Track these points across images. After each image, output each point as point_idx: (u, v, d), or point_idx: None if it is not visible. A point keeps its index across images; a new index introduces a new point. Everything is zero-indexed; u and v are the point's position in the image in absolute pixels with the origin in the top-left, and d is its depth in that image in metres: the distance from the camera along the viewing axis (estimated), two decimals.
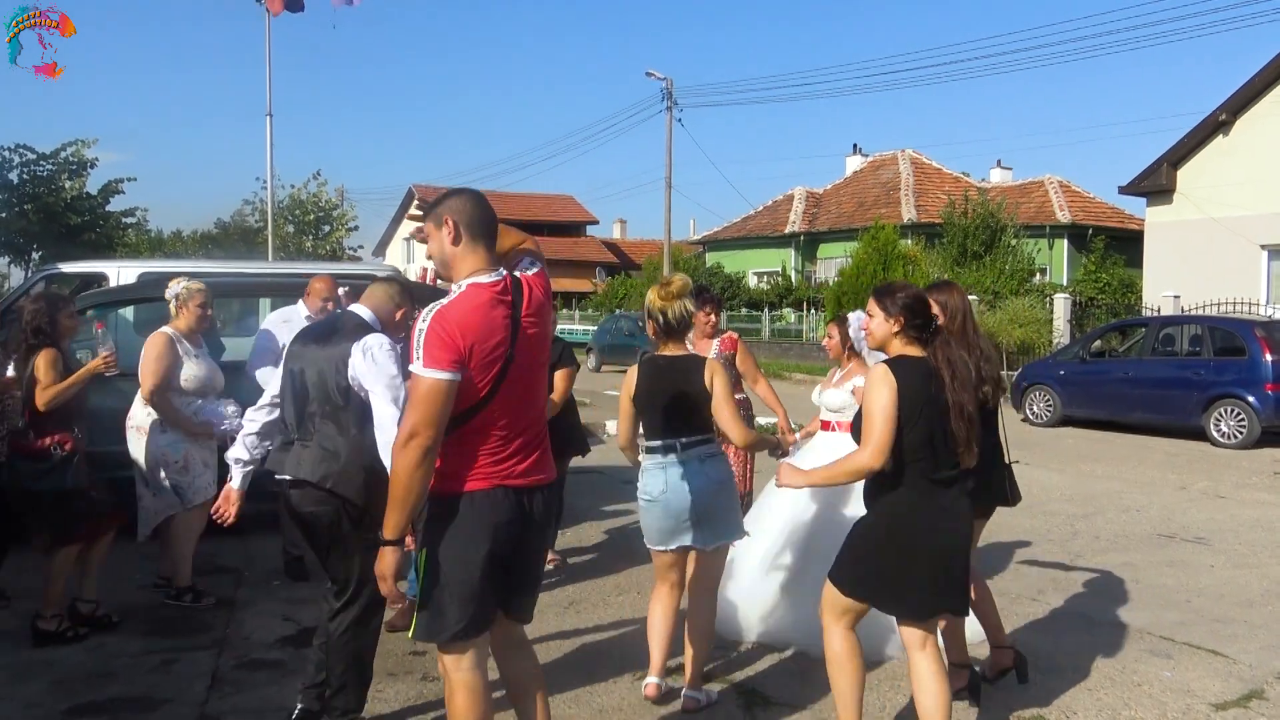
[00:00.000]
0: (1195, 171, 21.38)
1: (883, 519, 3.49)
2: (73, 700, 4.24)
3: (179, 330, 5.43)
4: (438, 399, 2.75)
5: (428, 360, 2.76)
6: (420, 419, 2.74)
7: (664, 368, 4.17)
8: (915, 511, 3.42)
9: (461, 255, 2.94)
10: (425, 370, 2.76)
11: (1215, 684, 4.59)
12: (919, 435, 3.39)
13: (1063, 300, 22.15)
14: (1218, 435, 13.12)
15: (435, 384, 2.75)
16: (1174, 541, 7.59)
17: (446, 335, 2.78)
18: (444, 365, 2.76)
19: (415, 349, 2.79)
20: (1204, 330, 14.23)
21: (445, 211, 2.95)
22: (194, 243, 42.96)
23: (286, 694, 4.30)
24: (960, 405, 3.43)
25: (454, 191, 3.03)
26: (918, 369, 3.44)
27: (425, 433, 2.74)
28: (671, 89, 34.22)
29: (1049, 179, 33.84)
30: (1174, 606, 5.82)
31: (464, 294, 2.86)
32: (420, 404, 2.75)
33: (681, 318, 4.14)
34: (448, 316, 2.81)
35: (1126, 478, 10.65)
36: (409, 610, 4.84)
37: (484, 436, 2.91)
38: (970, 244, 26.41)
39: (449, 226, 2.93)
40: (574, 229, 54.61)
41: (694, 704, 4.18)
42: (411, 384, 2.80)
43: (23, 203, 22.97)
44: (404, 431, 2.77)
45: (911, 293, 3.55)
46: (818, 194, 38.01)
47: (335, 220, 36.18)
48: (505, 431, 2.94)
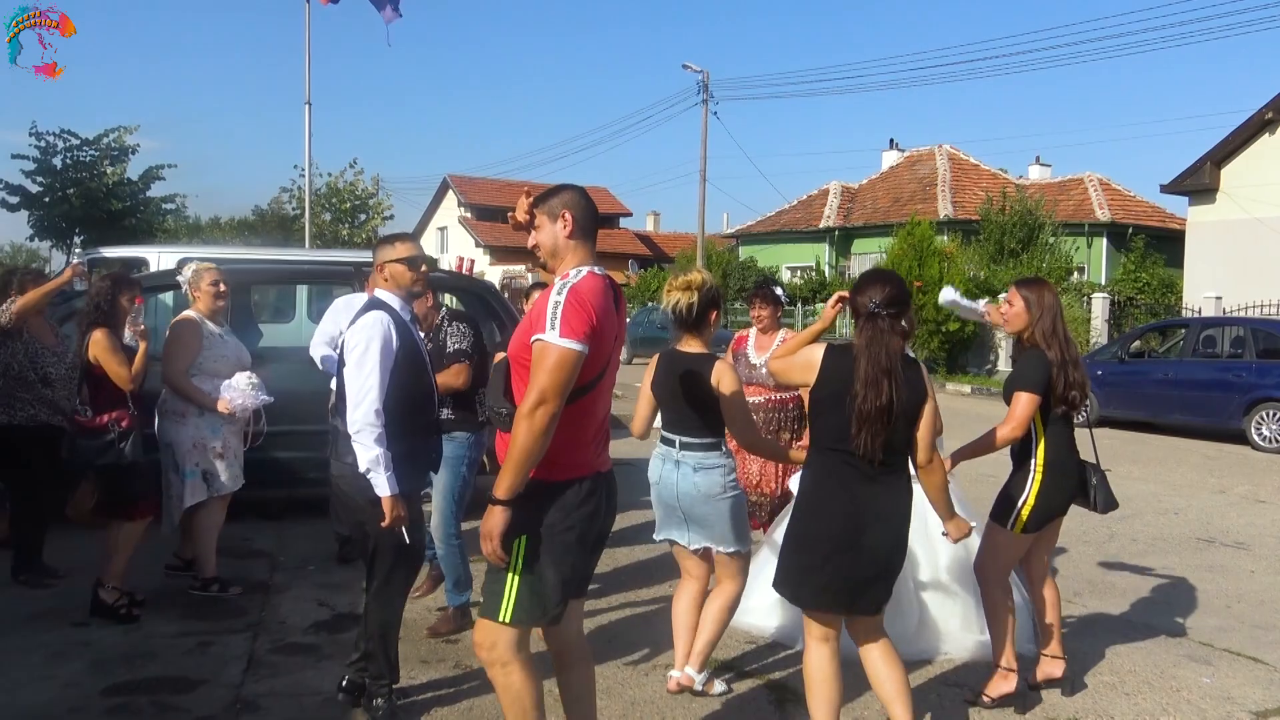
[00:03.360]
0: (1240, 170, 21.04)
1: (796, 501, 3.55)
2: (110, 680, 4.30)
3: (200, 313, 5.44)
4: (569, 368, 2.81)
5: (565, 330, 2.80)
6: (550, 385, 2.79)
7: (674, 364, 4.15)
8: (817, 496, 3.41)
9: (574, 248, 3.05)
10: (561, 339, 2.80)
11: (1256, 691, 4.52)
12: (831, 423, 3.36)
13: (1101, 300, 21.88)
14: (1258, 439, 12.91)
15: (568, 353, 2.80)
16: (1213, 546, 7.48)
17: (584, 309, 2.85)
18: (579, 336, 2.82)
19: (550, 319, 2.82)
20: (1246, 332, 14.01)
21: (564, 206, 3.06)
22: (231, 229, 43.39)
23: (322, 678, 4.34)
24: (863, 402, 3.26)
25: (568, 187, 3.14)
26: (843, 356, 3.38)
27: (554, 400, 2.80)
28: (708, 81, 34.04)
29: (1089, 176, 33.39)
30: (1213, 612, 5.74)
31: (586, 278, 2.95)
32: (553, 371, 2.80)
33: (682, 311, 4.09)
34: (582, 292, 2.88)
35: (1164, 480, 10.51)
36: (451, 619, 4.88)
37: (583, 423, 3.00)
38: (1008, 241, 26.13)
39: (565, 219, 3.04)
40: (607, 221, 54.57)
41: (689, 682, 4.22)
42: (541, 351, 2.82)
43: (65, 187, 23.25)
44: (532, 398, 2.80)
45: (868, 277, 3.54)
46: (853, 188, 37.75)
47: (371, 209, 36.41)
48: (598, 418, 3.08)
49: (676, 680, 4.26)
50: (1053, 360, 4.08)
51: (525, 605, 2.98)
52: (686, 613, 4.28)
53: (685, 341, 4.17)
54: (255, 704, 4.10)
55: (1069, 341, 4.18)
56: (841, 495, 3.36)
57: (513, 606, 2.98)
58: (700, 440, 4.07)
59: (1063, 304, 15.02)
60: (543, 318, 2.85)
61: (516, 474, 2.85)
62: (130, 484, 5.03)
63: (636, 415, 4.34)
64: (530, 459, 2.84)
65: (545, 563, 2.97)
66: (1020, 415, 4.07)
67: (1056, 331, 4.14)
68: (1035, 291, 4.25)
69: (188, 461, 5.28)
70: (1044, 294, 4.23)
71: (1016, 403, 4.09)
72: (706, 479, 4.04)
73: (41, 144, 23.12)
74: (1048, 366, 4.07)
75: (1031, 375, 4.08)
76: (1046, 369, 4.07)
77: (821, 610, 3.46)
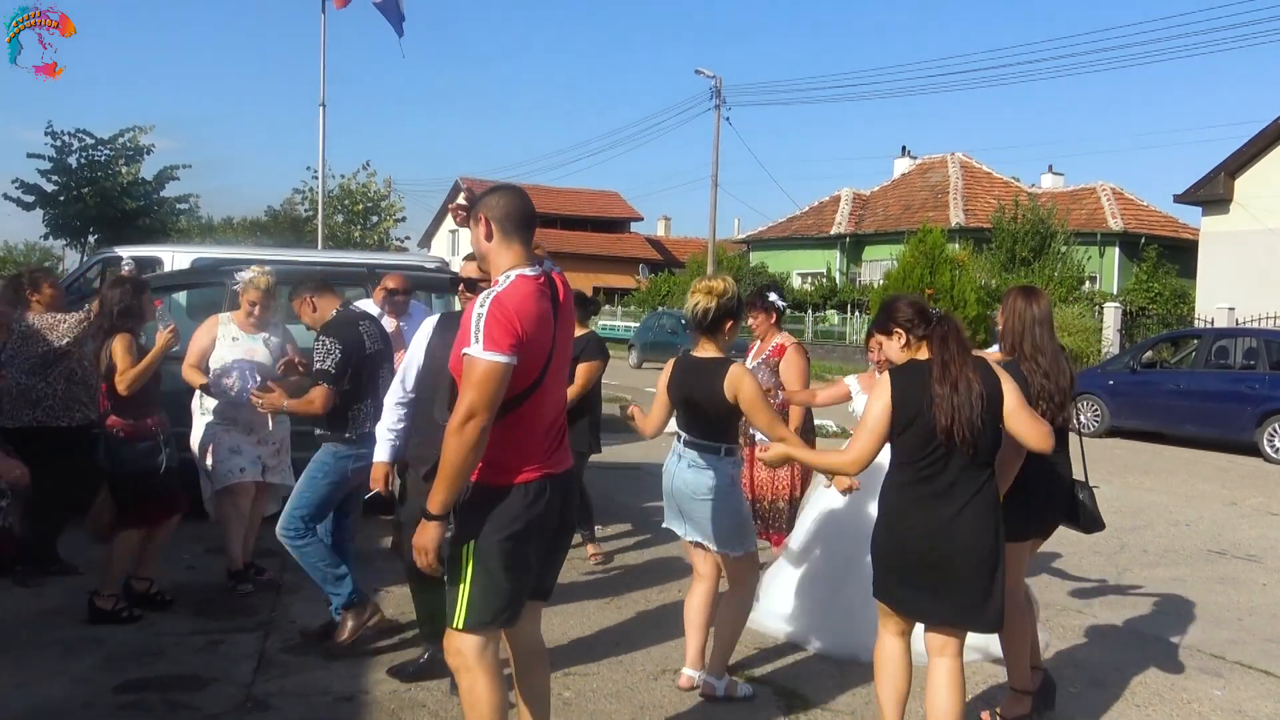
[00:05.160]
0: (1254, 181, 20.95)
1: (880, 520, 3.52)
2: (122, 677, 4.31)
3: (231, 316, 5.56)
4: (496, 381, 2.80)
5: (488, 343, 2.80)
6: (479, 400, 2.79)
7: (688, 367, 4.20)
8: (905, 514, 3.41)
9: (497, 250, 3.03)
10: (486, 353, 2.79)
11: (1268, 705, 4.50)
12: (916, 438, 3.36)
13: (1113, 309, 21.82)
14: (1271, 451, 12.85)
15: (495, 366, 2.80)
16: (1225, 558, 7.44)
17: (506, 320, 2.82)
18: (504, 349, 2.80)
19: (473, 332, 2.82)
20: (1260, 343, 13.95)
21: (480, 209, 3.06)
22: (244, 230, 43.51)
23: (333, 678, 4.36)
24: (941, 399, 3.30)
25: (493, 188, 3.12)
26: (919, 372, 3.41)
27: (482, 414, 2.80)
28: (720, 87, 34.05)
29: (1101, 186, 33.30)
30: (1225, 624, 5.71)
31: (514, 283, 2.92)
32: (479, 385, 2.79)
33: (699, 314, 4.13)
34: (506, 302, 2.86)
35: (1176, 491, 10.46)
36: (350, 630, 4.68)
37: (527, 426, 2.98)
38: (1019, 250, 26.11)
39: (483, 223, 3.04)
40: (618, 225, 54.65)
41: (710, 690, 4.23)
42: (469, 365, 2.83)
43: (80, 187, 23.37)
44: (461, 412, 2.80)
45: (902, 302, 3.60)
46: (864, 195, 37.74)
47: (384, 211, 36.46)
48: (545, 421, 3.05)
49: (688, 677, 4.32)
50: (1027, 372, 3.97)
51: (478, 610, 2.96)
52: (697, 612, 4.34)
53: (701, 345, 4.21)
54: (265, 703, 4.11)
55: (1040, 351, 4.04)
56: (923, 507, 3.38)
57: (465, 612, 2.96)
58: (701, 441, 4.14)
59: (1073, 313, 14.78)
60: (468, 331, 2.84)
61: (449, 488, 2.85)
62: (154, 490, 5.06)
63: (650, 415, 4.38)
64: (463, 473, 2.84)
65: (496, 566, 2.94)
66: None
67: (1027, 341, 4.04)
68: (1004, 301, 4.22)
69: (200, 459, 5.51)
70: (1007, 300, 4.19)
71: None
72: (696, 477, 4.12)
73: (57, 143, 23.27)
74: (1023, 378, 3.92)
75: None
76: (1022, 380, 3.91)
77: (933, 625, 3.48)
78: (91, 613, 4.95)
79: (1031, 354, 4.03)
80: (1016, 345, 4.08)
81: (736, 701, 4.25)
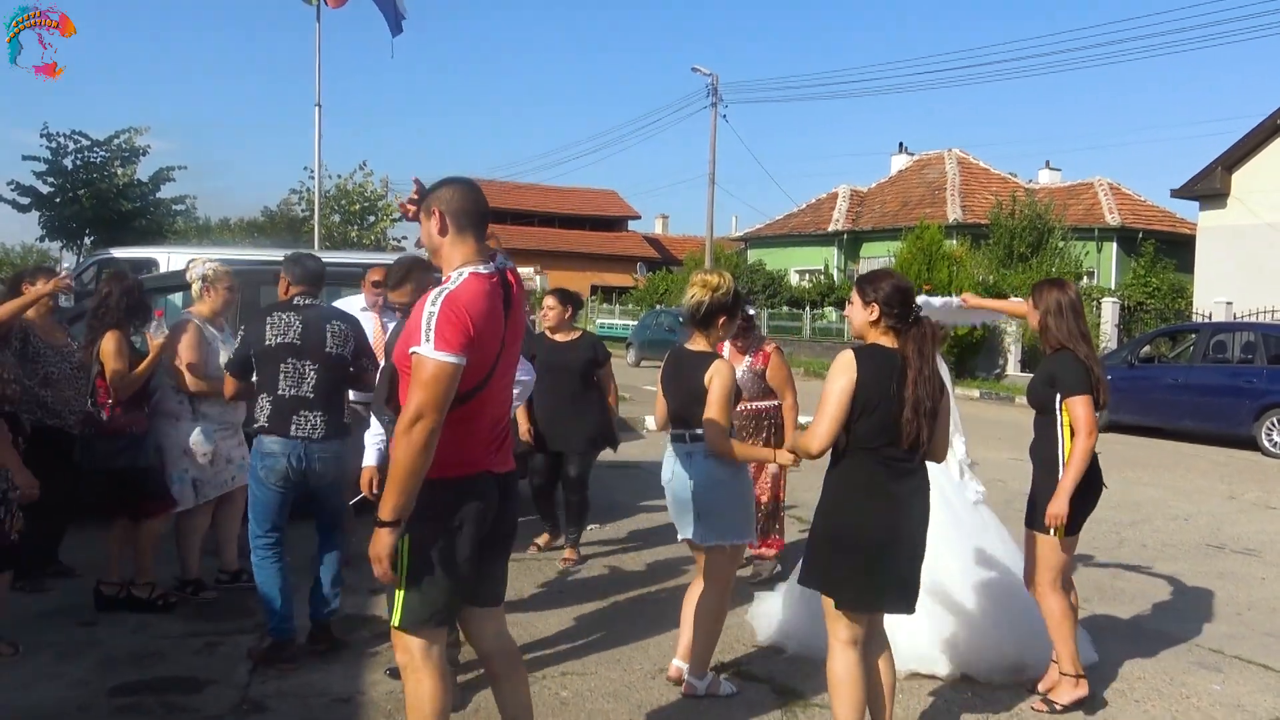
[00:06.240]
0: (1251, 175, 20.95)
1: (825, 502, 3.50)
2: (119, 679, 4.30)
3: (203, 316, 5.34)
4: (445, 381, 2.73)
5: (439, 342, 2.73)
6: (427, 400, 2.71)
7: (680, 361, 4.21)
8: (856, 498, 3.40)
9: (451, 245, 2.97)
10: (436, 353, 2.72)
11: (1267, 699, 4.49)
12: (873, 423, 3.34)
13: (1111, 304, 21.82)
14: (1269, 445, 12.86)
15: (445, 366, 2.72)
16: (1223, 552, 7.44)
17: (458, 319, 2.76)
18: (454, 349, 2.74)
19: (424, 331, 2.74)
20: (1258, 337, 13.96)
21: (433, 202, 2.99)
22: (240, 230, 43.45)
23: (330, 679, 4.35)
24: (918, 401, 3.32)
25: (445, 181, 3.05)
26: (885, 359, 3.39)
27: (432, 415, 2.72)
28: (717, 84, 34.02)
29: (1099, 181, 33.26)
30: (1224, 619, 5.71)
31: (467, 281, 2.87)
32: (429, 386, 2.72)
33: (694, 307, 4.14)
34: (458, 301, 2.80)
35: (1174, 486, 10.46)
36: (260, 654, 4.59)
37: (471, 424, 2.91)
38: (1017, 245, 26.07)
39: (436, 217, 2.96)
40: (616, 224, 54.65)
41: (690, 690, 4.22)
42: (418, 365, 2.74)
43: (76, 188, 23.36)
44: (410, 413, 2.72)
45: (892, 283, 3.50)
46: (862, 192, 37.69)
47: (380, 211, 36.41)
48: (490, 419, 2.99)
49: (677, 668, 4.35)
50: (1085, 359, 4.12)
51: (414, 608, 2.90)
52: (693, 607, 4.32)
53: (693, 339, 4.22)
54: (262, 704, 4.10)
55: (1087, 340, 4.22)
56: (880, 493, 3.38)
57: (402, 611, 2.91)
58: (695, 432, 4.12)
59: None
60: (418, 329, 2.77)
61: (400, 493, 2.75)
62: (144, 485, 5.06)
63: (657, 410, 4.41)
64: (414, 477, 2.74)
65: (433, 562, 2.88)
66: (1088, 419, 4.09)
67: (1080, 331, 4.19)
68: (1037, 293, 4.31)
69: (175, 466, 5.24)
70: (1045, 294, 4.27)
71: (1075, 408, 4.11)
72: (716, 464, 4.08)
73: (52, 145, 23.28)
74: (1084, 366, 4.11)
75: (1077, 378, 4.12)
76: (1085, 369, 4.11)
77: (868, 611, 3.47)
78: (130, 603, 5.09)
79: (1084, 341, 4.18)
80: (1071, 334, 4.18)
81: (732, 698, 4.24)
